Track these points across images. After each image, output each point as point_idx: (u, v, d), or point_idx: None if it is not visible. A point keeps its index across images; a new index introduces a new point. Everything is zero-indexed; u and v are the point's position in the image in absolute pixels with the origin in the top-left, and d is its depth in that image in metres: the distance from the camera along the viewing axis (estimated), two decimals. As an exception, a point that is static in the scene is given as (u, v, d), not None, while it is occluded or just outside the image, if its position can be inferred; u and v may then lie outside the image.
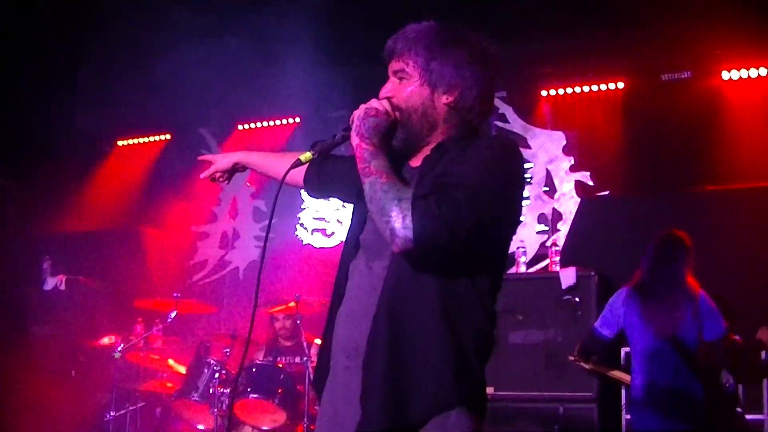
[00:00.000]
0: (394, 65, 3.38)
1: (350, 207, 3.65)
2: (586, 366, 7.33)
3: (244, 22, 9.50)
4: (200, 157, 4.26)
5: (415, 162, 3.34)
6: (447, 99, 3.34)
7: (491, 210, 3.10)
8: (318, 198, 4.09)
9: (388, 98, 3.34)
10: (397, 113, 3.31)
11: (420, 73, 3.32)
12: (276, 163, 4.05)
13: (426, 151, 3.33)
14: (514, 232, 3.40)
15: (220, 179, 4.15)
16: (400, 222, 2.98)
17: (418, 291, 3.09)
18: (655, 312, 6.86)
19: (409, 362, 3.04)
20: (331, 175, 3.84)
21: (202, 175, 4.15)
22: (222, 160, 4.11)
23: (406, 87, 3.34)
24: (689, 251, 7.01)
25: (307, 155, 3.37)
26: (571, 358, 7.41)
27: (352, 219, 3.52)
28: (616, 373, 7.45)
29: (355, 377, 3.16)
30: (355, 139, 3.24)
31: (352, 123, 3.28)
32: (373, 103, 3.30)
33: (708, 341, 6.76)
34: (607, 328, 7.14)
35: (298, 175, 3.87)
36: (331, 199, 4.14)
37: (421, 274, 3.09)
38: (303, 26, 8.97)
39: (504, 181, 3.19)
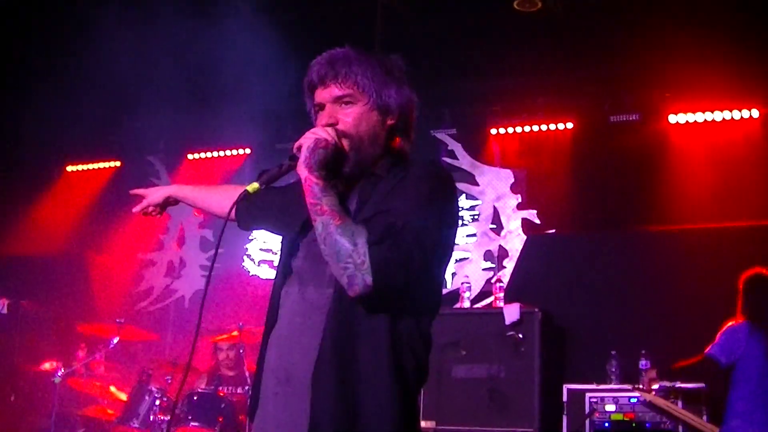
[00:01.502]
0: (334, 90, 3.28)
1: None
2: (648, 397, 7.52)
3: (195, 50, 9.51)
4: (132, 191, 4.20)
5: (351, 189, 3.29)
6: (390, 121, 3.33)
7: (436, 248, 3.13)
8: (247, 230, 3.92)
9: (333, 125, 3.25)
10: (345, 141, 3.23)
11: (369, 97, 3.27)
12: (210, 197, 4.03)
13: (360, 178, 3.29)
14: (450, 258, 3.36)
15: (153, 213, 4.10)
16: (357, 269, 2.94)
17: (363, 327, 3.05)
18: None
19: (355, 394, 3.01)
20: (260, 206, 3.74)
21: (134, 209, 4.10)
22: (154, 194, 4.06)
23: (353, 112, 3.27)
24: None
25: (254, 186, 3.23)
26: (639, 387, 7.60)
27: (282, 247, 3.46)
28: (680, 411, 7.60)
29: (284, 403, 3.14)
30: (303, 171, 3.13)
31: (298, 152, 3.18)
32: (320, 132, 3.20)
33: None
34: (725, 355, 7.28)
35: (226, 205, 3.78)
36: (260, 230, 4.00)
37: (368, 312, 3.05)
38: (254, 56, 9.01)
39: (445, 216, 3.20)
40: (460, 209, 10.75)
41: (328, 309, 3.11)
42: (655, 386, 7.73)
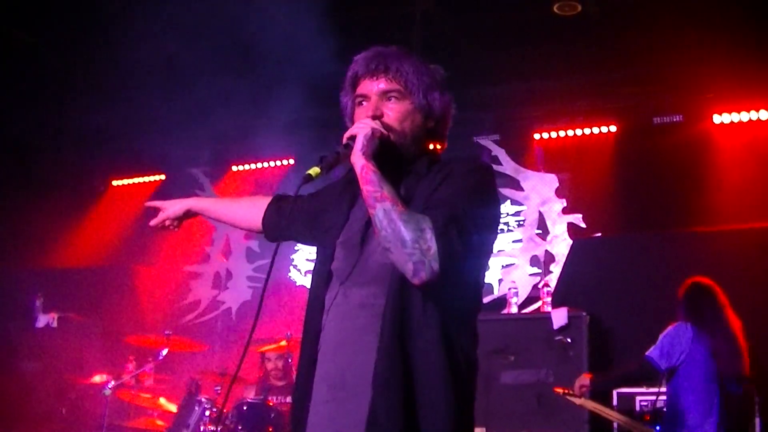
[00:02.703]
0: (383, 84, 3.32)
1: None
2: (576, 401, 7.35)
3: (238, 62, 9.55)
4: (148, 204, 4.18)
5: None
6: (430, 124, 3.38)
7: (485, 233, 3.16)
8: (275, 241, 3.88)
9: (379, 117, 3.28)
10: (391, 134, 3.27)
11: (415, 97, 3.31)
12: (233, 209, 4.05)
13: (398, 175, 3.30)
14: (492, 252, 3.41)
15: (170, 227, 4.08)
16: (425, 254, 2.93)
17: (422, 323, 3.06)
18: (722, 352, 7.01)
19: (417, 393, 3.01)
20: (291, 215, 3.76)
21: (151, 223, 4.08)
22: (172, 208, 4.04)
23: (398, 107, 3.31)
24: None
25: (315, 170, 3.18)
26: (560, 391, 7.44)
27: (318, 253, 3.45)
28: (609, 411, 7.48)
29: (338, 409, 3.12)
30: (359, 159, 3.13)
31: (351, 140, 3.19)
32: (371, 123, 3.23)
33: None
34: (665, 360, 7.18)
35: (255, 219, 3.86)
36: (288, 240, 3.97)
37: (425, 306, 3.06)
38: (297, 66, 9.02)
39: (492, 204, 3.24)
40: (504, 214, 10.78)
41: (382, 309, 3.09)
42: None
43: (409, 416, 2.98)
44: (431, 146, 3.43)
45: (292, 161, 12.25)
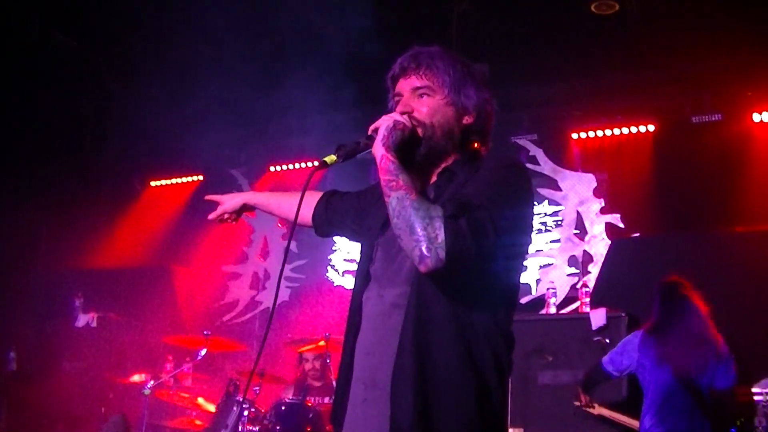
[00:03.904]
0: (414, 81, 3.36)
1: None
2: (593, 412, 7.34)
3: (278, 63, 9.58)
4: (207, 197, 4.22)
5: (426, 183, 3.35)
6: (467, 120, 3.39)
7: (509, 231, 3.12)
8: (325, 236, 4.01)
9: (409, 113, 3.32)
10: (419, 129, 3.29)
11: (447, 92, 3.34)
12: (283, 202, 4.06)
13: (433, 174, 3.36)
14: (526, 253, 3.41)
15: (228, 220, 4.13)
16: (432, 242, 2.94)
17: (438, 320, 3.08)
18: (673, 353, 6.83)
19: (434, 392, 3.02)
20: (340, 210, 3.85)
21: (210, 217, 4.13)
22: (230, 201, 4.09)
23: (429, 103, 3.34)
24: (695, 296, 7.00)
25: (331, 157, 3.29)
26: (577, 404, 7.41)
27: (361, 253, 3.50)
28: (623, 418, 7.44)
29: (373, 409, 3.15)
30: (380, 149, 3.18)
31: (374, 132, 3.24)
32: (397, 116, 3.27)
33: (719, 389, 6.70)
34: (612, 365, 7.20)
35: (306, 213, 3.89)
36: (337, 236, 4.06)
37: (441, 302, 3.08)
38: (337, 68, 9.05)
39: (518, 202, 3.22)
40: (542, 214, 10.74)
41: (405, 307, 3.13)
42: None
43: (427, 418, 3.01)
44: (473, 144, 3.43)
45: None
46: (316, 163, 3.33)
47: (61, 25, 10.11)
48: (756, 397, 7.52)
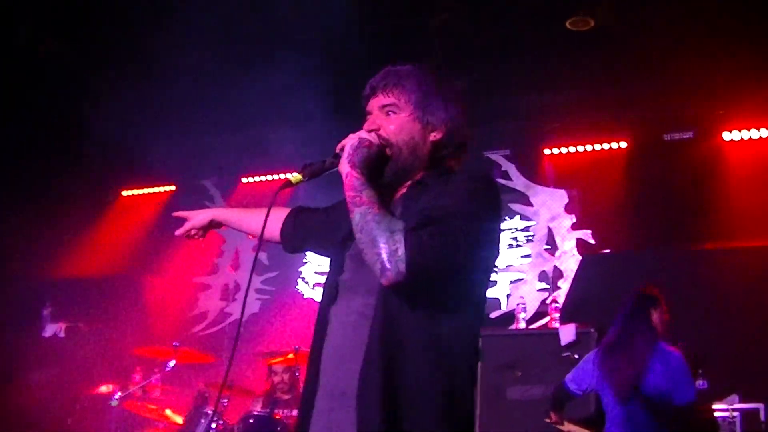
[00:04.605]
0: (381, 99, 3.39)
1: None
2: (563, 429, 7.30)
3: (248, 76, 9.56)
4: (175, 214, 4.22)
5: (395, 197, 3.36)
6: (435, 136, 3.39)
7: (476, 242, 3.13)
8: (293, 252, 4.02)
9: (376, 131, 3.34)
10: (387, 147, 3.31)
11: (412, 109, 3.36)
12: (252, 219, 4.06)
13: (403, 188, 3.37)
14: (494, 266, 3.41)
15: (196, 236, 4.13)
16: (392, 254, 2.96)
17: (405, 330, 3.07)
18: (612, 368, 6.81)
19: (401, 403, 3.01)
20: (308, 225, 3.86)
21: (177, 232, 4.12)
22: (197, 217, 4.09)
23: (395, 121, 3.36)
24: (657, 307, 6.93)
25: (296, 177, 3.30)
26: (548, 420, 7.39)
27: (330, 265, 3.49)
28: None
29: (339, 419, 3.14)
30: (345, 167, 3.20)
31: (341, 151, 3.25)
32: (363, 134, 3.30)
33: (680, 405, 6.64)
34: (575, 384, 7.15)
35: (274, 229, 3.90)
36: (306, 251, 4.08)
37: (408, 313, 3.07)
38: (307, 78, 9.04)
39: (486, 214, 3.23)
40: (513, 229, 10.77)
41: (372, 317, 3.13)
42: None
43: (394, 427, 3.00)
44: (443, 159, 3.43)
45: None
46: (288, 176, 3.33)
47: (42, 33, 10.05)
48: (720, 414, 7.55)
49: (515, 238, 10.91)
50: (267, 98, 9.69)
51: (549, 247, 10.78)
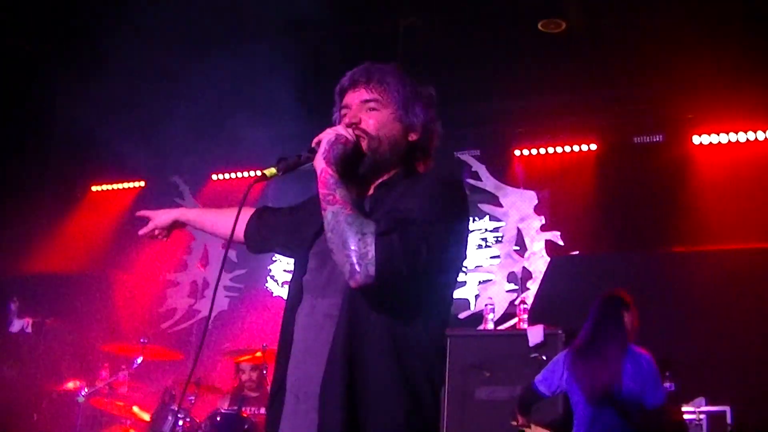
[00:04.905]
0: (364, 94, 3.38)
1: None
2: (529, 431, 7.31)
3: (217, 71, 9.54)
4: (138, 213, 4.21)
5: (364, 197, 3.36)
6: (412, 137, 3.41)
7: (445, 246, 3.15)
8: (257, 252, 4.00)
9: (356, 124, 3.33)
10: (364, 141, 3.31)
11: (395, 108, 3.37)
12: (216, 219, 4.06)
13: (371, 188, 3.38)
14: (461, 268, 3.41)
15: (159, 236, 4.13)
16: (362, 257, 2.95)
17: (370, 331, 3.07)
18: (584, 370, 6.81)
19: (364, 404, 3.02)
20: (272, 225, 3.85)
21: (140, 232, 4.12)
22: (161, 217, 4.10)
23: (377, 116, 3.35)
24: (628, 310, 6.94)
25: (271, 170, 3.30)
26: (514, 423, 7.39)
27: (294, 264, 3.50)
28: None
29: (302, 420, 3.14)
30: (320, 163, 3.18)
31: (317, 145, 3.25)
32: (341, 129, 3.28)
33: (649, 407, 6.65)
34: (544, 386, 7.13)
35: (239, 229, 3.87)
36: (269, 252, 4.08)
37: (373, 314, 3.08)
38: (278, 78, 9.03)
39: (455, 218, 3.24)
40: (482, 229, 10.79)
41: (337, 318, 3.13)
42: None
43: (356, 430, 3.00)
44: (415, 161, 3.46)
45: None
46: (258, 173, 3.32)
47: (10, 29, 10.00)
48: (687, 416, 7.58)
49: (484, 239, 10.92)
50: (236, 94, 9.69)
51: (518, 248, 10.79)
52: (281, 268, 12.02)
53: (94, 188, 13.45)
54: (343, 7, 9.13)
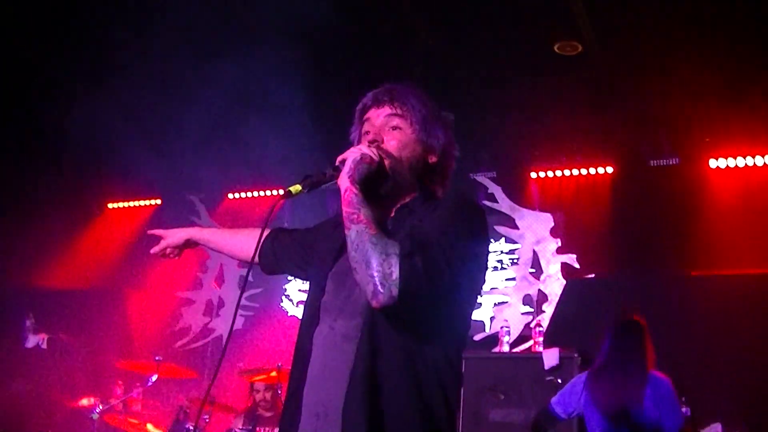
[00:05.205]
0: (388, 111, 3.39)
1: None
2: None
3: (236, 86, 9.57)
4: (150, 232, 4.23)
5: (384, 217, 3.35)
6: (432, 160, 3.42)
7: (467, 270, 3.15)
8: (270, 273, 3.98)
9: (379, 143, 3.35)
10: (387, 161, 3.31)
11: (417, 129, 3.38)
12: (232, 240, 4.07)
13: (392, 210, 3.38)
14: (480, 291, 3.42)
15: (171, 255, 4.13)
16: (385, 278, 2.94)
17: (391, 351, 3.08)
18: (604, 392, 6.79)
19: (386, 423, 3.01)
20: (287, 246, 3.84)
21: (153, 251, 4.13)
22: (173, 236, 4.10)
23: (399, 137, 3.37)
24: (644, 335, 6.93)
25: (297, 187, 3.26)
26: None
27: (310, 287, 3.49)
28: None
29: None
30: (344, 182, 3.18)
31: (341, 164, 3.24)
32: (365, 149, 3.28)
33: (666, 430, 6.63)
34: (561, 407, 7.11)
35: (250, 248, 3.80)
36: (283, 273, 4.04)
37: (393, 335, 3.08)
38: (293, 96, 9.04)
39: (475, 241, 3.24)
40: (498, 251, 10.77)
41: (359, 338, 3.12)
42: None
43: None
44: (432, 184, 3.46)
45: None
46: (275, 192, 3.33)
47: (21, 40, 10.02)
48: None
49: (500, 261, 10.92)
50: (253, 116, 9.69)
51: (534, 270, 10.78)
52: (296, 287, 12.02)
53: (110, 205, 13.50)
54: (360, 26, 9.15)
